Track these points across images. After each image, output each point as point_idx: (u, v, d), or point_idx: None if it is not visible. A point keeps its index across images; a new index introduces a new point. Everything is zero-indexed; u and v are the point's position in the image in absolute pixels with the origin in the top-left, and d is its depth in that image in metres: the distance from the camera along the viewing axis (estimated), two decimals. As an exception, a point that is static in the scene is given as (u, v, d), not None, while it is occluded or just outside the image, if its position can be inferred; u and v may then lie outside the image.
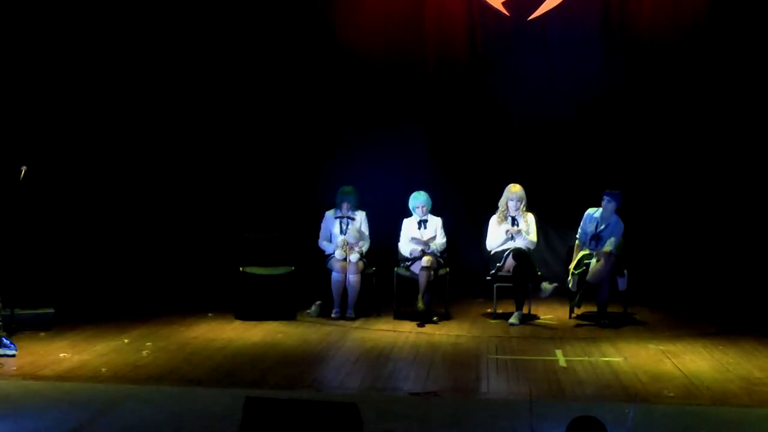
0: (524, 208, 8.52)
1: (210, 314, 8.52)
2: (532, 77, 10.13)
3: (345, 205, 8.58)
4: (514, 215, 8.44)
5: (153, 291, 9.37)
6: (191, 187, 10.13)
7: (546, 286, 8.16)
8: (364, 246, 8.59)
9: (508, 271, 8.32)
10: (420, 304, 8.14)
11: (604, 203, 8.27)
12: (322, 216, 8.75)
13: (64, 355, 6.71)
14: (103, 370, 6.29)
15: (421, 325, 8.10)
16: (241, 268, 8.54)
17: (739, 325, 8.25)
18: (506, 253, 8.34)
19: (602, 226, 8.27)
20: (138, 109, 10.07)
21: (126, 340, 7.28)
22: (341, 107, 10.23)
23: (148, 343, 7.16)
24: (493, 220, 8.52)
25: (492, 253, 8.52)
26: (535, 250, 8.62)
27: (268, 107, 10.20)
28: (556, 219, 9.71)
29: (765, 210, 9.72)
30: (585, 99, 9.95)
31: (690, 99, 9.86)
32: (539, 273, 8.35)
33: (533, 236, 8.49)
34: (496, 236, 8.47)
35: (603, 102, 9.98)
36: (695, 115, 9.86)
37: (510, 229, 8.38)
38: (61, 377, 6.08)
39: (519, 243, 8.40)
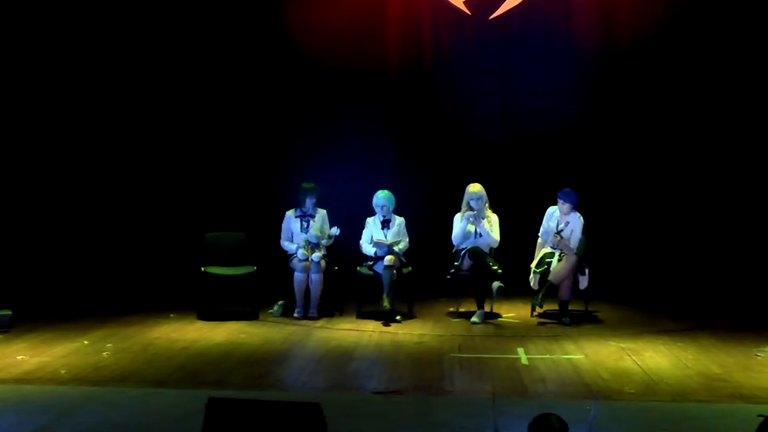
0: (487, 206, 8.57)
1: (172, 315, 8.47)
2: (494, 78, 10.21)
3: (307, 201, 8.57)
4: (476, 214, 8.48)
5: (113, 291, 9.29)
6: (152, 187, 10.06)
7: (495, 284, 8.21)
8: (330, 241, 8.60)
9: (467, 270, 8.38)
10: (385, 303, 8.17)
11: (559, 204, 8.37)
12: (284, 216, 8.73)
13: (23, 357, 6.63)
14: (63, 372, 6.23)
15: (385, 324, 8.11)
16: (202, 268, 8.50)
17: (697, 321, 8.37)
18: (462, 252, 8.40)
19: (562, 225, 8.37)
20: (96, 109, 9.98)
21: (86, 342, 7.22)
22: (303, 107, 10.22)
23: (109, 345, 7.11)
24: (457, 217, 8.56)
25: (453, 252, 8.57)
26: (497, 248, 8.68)
27: (229, 107, 10.15)
28: (517, 217, 9.78)
29: (719, 207, 9.91)
30: (546, 102, 10.05)
31: (650, 98, 10.02)
32: (499, 271, 8.39)
33: (496, 235, 8.55)
34: (461, 231, 8.50)
35: (565, 101, 10.09)
36: (653, 113, 10.02)
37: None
38: (19, 380, 6.02)
39: (481, 242, 8.45)
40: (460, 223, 8.52)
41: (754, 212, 9.90)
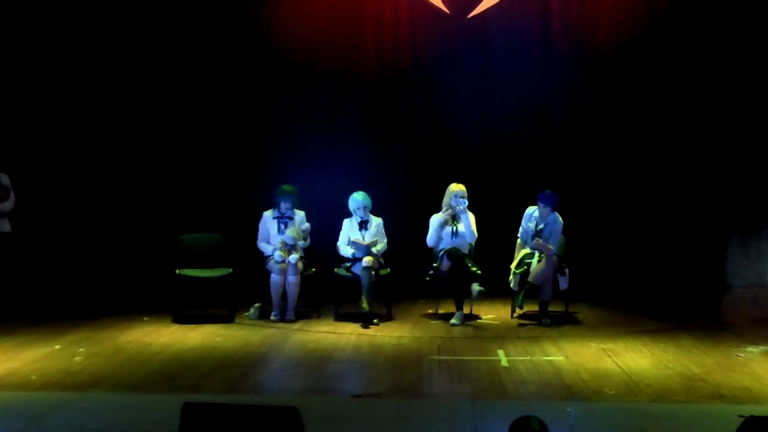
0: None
1: (146, 318, 8.42)
2: (473, 78, 10.24)
3: (284, 205, 8.54)
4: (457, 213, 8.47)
5: (86, 294, 9.22)
6: (126, 187, 10.00)
7: (474, 287, 8.22)
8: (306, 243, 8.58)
9: (446, 271, 8.38)
10: (365, 305, 8.16)
11: (540, 208, 8.38)
12: (261, 216, 8.70)
13: (-7, 362, 6.56)
14: (34, 377, 6.16)
15: (364, 326, 8.10)
16: (177, 271, 8.45)
17: (677, 322, 8.42)
18: (441, 253, 8.40)
19: (541, 225, 8.39)
20: (70, 107, 9.92)
21: (57, 346, 7.15)
22: (281, 107, 10.20)
23: (81, 349, 7.05)
24: (434, 219, 8.56)
25: (433, 252, 8.57)
26: (475, 249, 8.69)
27: (205, 107, 10.11)
28: (497, 218, 9.80)
29: (702, 208, 9.99)
30: (525, 104, 10.11)
31: (630, 98, 10.10)
32: (478, 272, 8.39)
33: (474, 231, 8.53)
34: (434, 233, 8.49)
35: (542, 108, 10.15)
36: (633, 114, 10.10)
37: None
38: (-11, 386, 5.94)
39: (459, 242, 8.45)
40: (435, 225, 8.51)
41: (730, 213, 10.00)
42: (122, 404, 5.58)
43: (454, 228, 8.47)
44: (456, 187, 8.52)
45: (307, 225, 8.53)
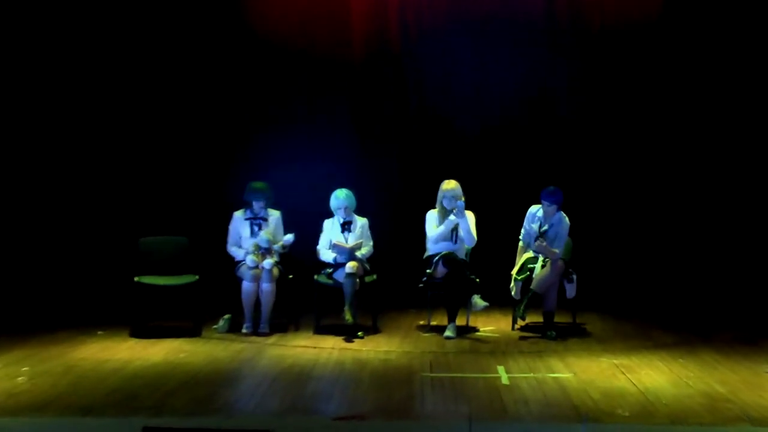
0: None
1: (100, 332, 8.37)
2: (468, 62, 10.23)
3: (256, 204, 8.50)
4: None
5: (32, 306, 9.15)
6: (78, 185, 9.94)
7: (478, 301, 8.21)
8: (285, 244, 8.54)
9: (441, 278, 8.34)
10: (348, 316, 8.13)
11: (544, 207, 8.36)
12: (231, 217, 8.63)
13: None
14: (-28, 399, 6.09)
15: (347, 340, 8.09)
16: (136, 278, 8.40)
17: (699, 334, 8.42)
18: (435, 258, 8.36)
19: (545, 226, 8.37)
20: (17, 101, 9.84)
21: (-1, 365, 7.08)
22: (256, 97, 10.19)
23: (25, 368, 6.97)
24: (432, 215, 8.49)
25: (424, 258, 8.53)
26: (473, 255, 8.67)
27: (169, 94, 10.07)
28: (496, 218, 9.78)
29: (720, 205, 9.99)
30: (526, 91, 10.11)
31: (640, 92, 10.12)
32: (477, 280, 8.36)
33: (474, 235, 8.49)
34: (440, 234, 8.44)
35: (546, 94, 10.14)
36: (645, 107, 10.13)
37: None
38: None
39: (458, 248, 8.41)
40: (436, 223, 8.45)
41: (758, 214, 10.00)
42: (75, 429, 5.53)
43: (455, 232, 8.42)
44: (447, 186, 8.45)
45: (290, 237, 8.46)
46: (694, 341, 8.12)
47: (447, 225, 8.37)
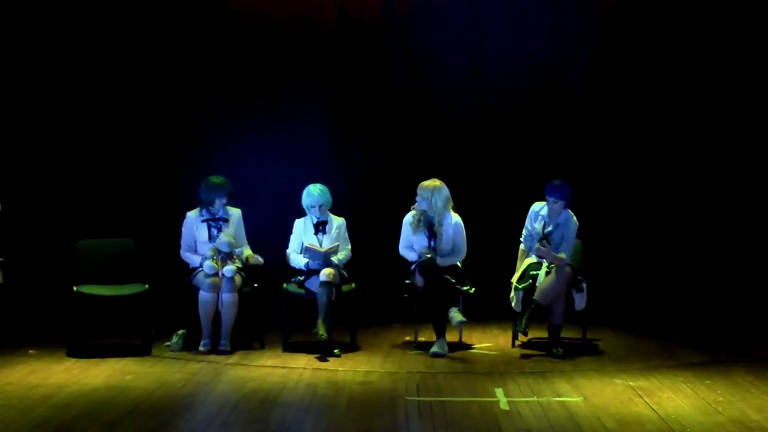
0: (452, 208, 8.53)
1: (31, 351, 8.36)
2: (460, 35, 10.24)
3: (217, 201, 8.49)
4: (433, 221, 8.42)
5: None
6: (4, 181, 9.89)
7: (455, 315, 8.19)
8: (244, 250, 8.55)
9: (421, 288, 8.36)
10: (321, 332, 8.14)
11: (549, 204, 8.38)
12: (184, 218, 8.63)
13: None
14: None
15: (321, 359, 8.10)
16: (74, 288, 8.39)
17: (730, 352, 8.46)
18: (412, 267, 8.38)
19: (550, 227, 8.38)
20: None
21: None
22: (208, 74, 10.17)
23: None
24: (408, 219, 8.51)
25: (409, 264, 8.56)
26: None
27: (109, 75, 10.03)
28: (492, 218, 9.81)
29: (752, 207, 10.04)
30: (527, 69, 10.13)
31: (661, 75, 10.14)
32: (471, 290, 8.37)
33: (461, 248, 8.49)
34: (410, 239, 8.47)
35: (551, 75, 10.16)
36: (667, 94, 10.14)
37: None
38: None
39: (442, 260, 8.41)
40: (410, 227, 8.46)
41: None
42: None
43: (433, 240, 8.40)
44: (433, 185, 8.40)
45: (259, 259, 8.46)
46: (723, 360, 8.15)
47: (418, 236, 8.41)
